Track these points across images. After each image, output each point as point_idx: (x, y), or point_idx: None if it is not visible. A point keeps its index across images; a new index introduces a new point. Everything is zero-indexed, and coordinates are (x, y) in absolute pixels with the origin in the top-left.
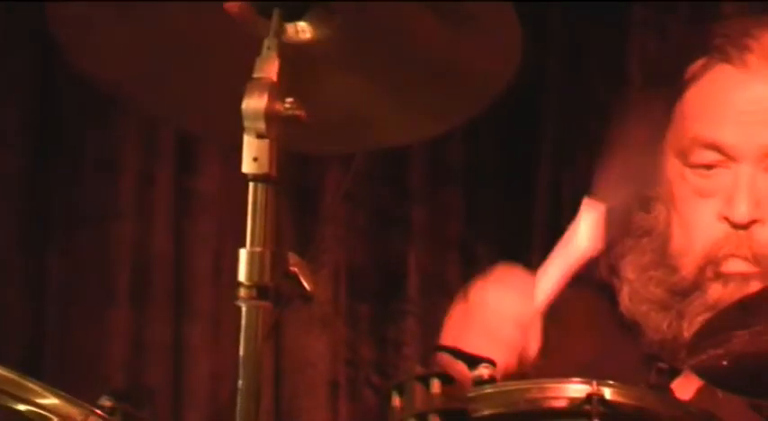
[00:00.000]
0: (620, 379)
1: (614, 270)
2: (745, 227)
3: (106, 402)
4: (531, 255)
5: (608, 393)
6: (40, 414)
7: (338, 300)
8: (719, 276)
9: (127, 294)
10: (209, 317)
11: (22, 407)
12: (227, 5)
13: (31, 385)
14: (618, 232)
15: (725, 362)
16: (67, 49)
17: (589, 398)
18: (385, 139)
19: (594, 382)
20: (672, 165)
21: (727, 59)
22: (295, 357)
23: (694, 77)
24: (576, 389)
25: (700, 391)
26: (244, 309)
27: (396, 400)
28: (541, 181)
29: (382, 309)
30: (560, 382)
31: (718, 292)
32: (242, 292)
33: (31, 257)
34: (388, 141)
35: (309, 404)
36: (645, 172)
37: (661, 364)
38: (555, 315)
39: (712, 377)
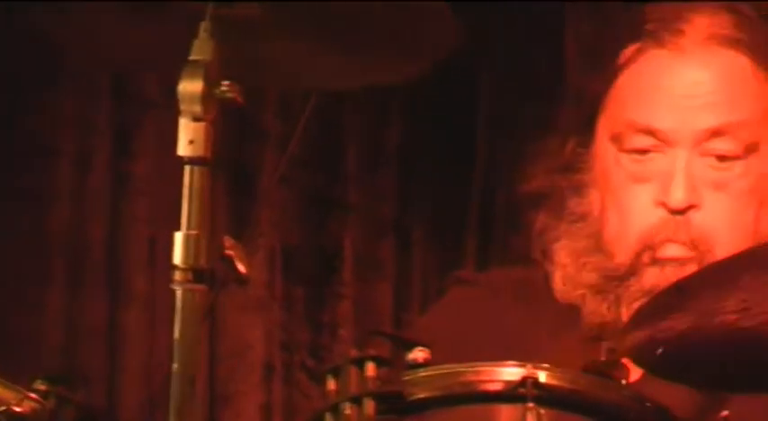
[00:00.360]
0: (558, 361)
1: (547, 254)
2: (681, 212)
3: (40, 386)
4: (467, 238)
5: (542, 376)
6: None
7: (273, 283)
8: (656, 261)
9: (62, 277)
10: (144, 300)
11: None
12: None
13: None
14: (551, 216)
15: (660, 350)
16: None
17: (524, 380)
18: (330, 84)
19: (529, 365)
20: (606, 150)
21: (660, 44)
22: (230, 340)
23: (628, 61)
24: (511, 372)
25: (644, 375)
26: (179, 293)
27: (331, 384)
28: (478, 164)
29: (317, 292)
30: (495, 365)
31: (654, 277)
32: (177, 276)
33: None
34: (333, 85)
35: (244, 387)
36: (573, 156)
37: (606, 343)
38: (490, 298)
39: (647, 363)
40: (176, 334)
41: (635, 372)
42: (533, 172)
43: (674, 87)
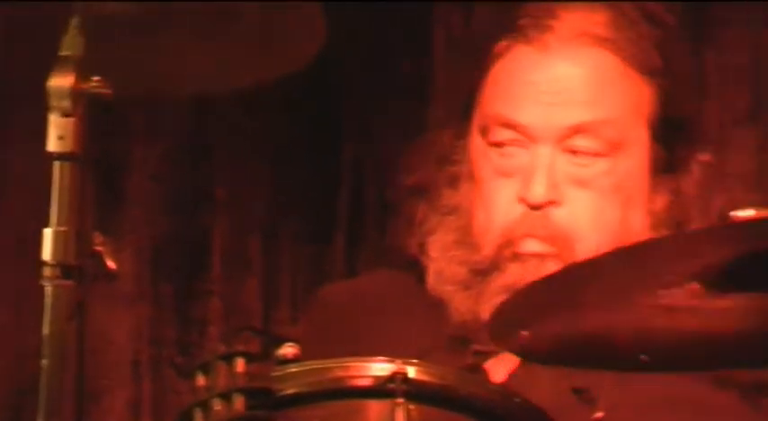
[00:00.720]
0: (428, 359)
1: (423, 248)
2: (540, 207)
3: None
4: (336, 234)
5: (412, 372)
6: None
7: (142, 278)
8: (517, 257)
9: None
10: (12, 296)
11: None
12: None
13: None
14: (428, 209)
15: (524, 333)
16: None
17: (393, 376)
18: (201, 87)
19: (399, 361)
20: (475, 143)
21: (528, 40)
22: (99, 336)
23: (498, 56)
24: (380, 367)
25: (513, 373)
26: (48, 289)
27: (200, 379)
28: (345, 157)
29: (186, 288)
30: (364, 361)
31: (515, 273)
32: (46, 272)
33: None
34: (205, 88)
35: (113, 383)
36: (449, 148)
37: (477, 346)
38: (362, 298)
39: (531, 356)
40: (45, 330)
41: (503, 372)
42: (413, 165)
43: (538, 83)
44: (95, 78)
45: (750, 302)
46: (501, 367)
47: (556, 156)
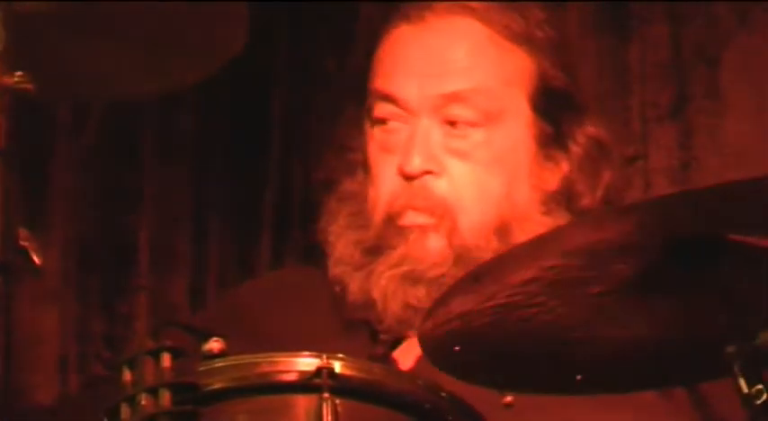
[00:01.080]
0: (326, 346)
1: (324, 236)
2: (416, 178)
3: None
4: (262, 231)
5: (337, 366)
6: None
7: (68, 274)
8: (400, 230)
9: None
10: None
11: None
12: None
13: None
14: (329, 199)
15: (457, 348)
16: None
17: (319, 371)
18: (124, 92)
19: (324, 356)
20: (366, 126)
21: (408, 20)
22: (25, 331)
23: (382, 38)
24: (306, 362)
25: (420, 359)
26: None
27: (127, 375)
28: (272, 157)
29: (113, 283)
30: (291, 356)
31: (400, 247)
32: None
33: None
34: (127, 94)
35: (39, 378)
36: (346, 137)
37: (383, 336)
38: (261, 295)
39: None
40: None
41: (410, 359)
42: (325, 159)
43: (412, 56)
44: (18, 73)
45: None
46: (408, 354)
47: (433, 127)
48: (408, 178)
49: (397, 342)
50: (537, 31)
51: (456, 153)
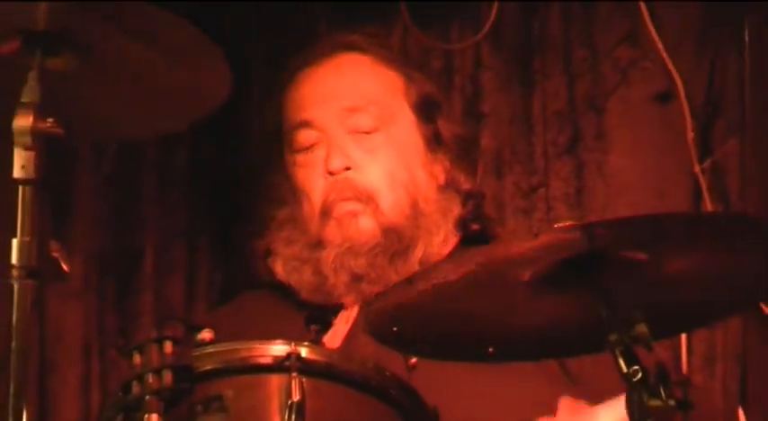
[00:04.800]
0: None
1: (269, 251)
2: (339, 172)
3: None
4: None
5: (303, 352)
6: None
7: (90, 278)
8: (336, 220)
9: None
10: None
11: None
12: (3, 47)
13: None
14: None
15: (395, 329)
16: None
17: (288, 355)
18: (129, 134)
19: (293, 343)
20: (288, 160)
21: (305, 64)
22: (55, 324)
23: (286, 85)
24: (278, 348)
25: (345, 339)
26: (15, 287)
27: (137, 358)
28: (244, 186)
29: (125, 285)
30: (266, 343)
31: (338, 235)
32: (14, 273)
33: None
34: (131, 135)
35: (67, 362)
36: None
37: (314, 326)
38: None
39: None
40: (13, 319)
41: (337, 339)
42: (256, 208)
43: (316, 89)
44: (50, 120)
45: (570, 300)
46: (335, 337)
47: (344, 135)
48: (333, 174)
49: (324, 329)
50: (399, 57)
51: (366, 151)
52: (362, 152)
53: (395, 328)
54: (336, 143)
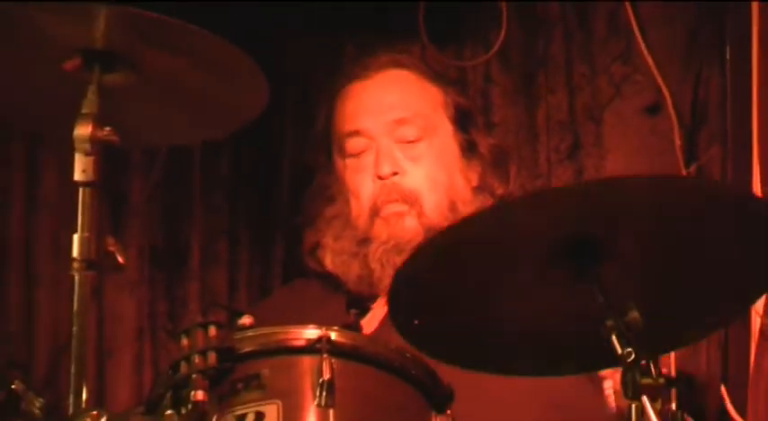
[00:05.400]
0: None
1: (319, 244)
2: (388, 177)
3: None
4: (277, 243)
5: (333, 335)
6: None
7: (143, 269)
8: (383, 220)
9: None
10: (50, 282)
11: None
12: (66, 64)
13: None
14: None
15: (416, 322)
16: None
17: (320, 338)
18: (175, 140)
19: (324, 328)
20: (338, 163)
21: (357, 78)
22: (111, 311)
23: (337, 96)
24: (311, 332)
25: (379, 326)
26: (77, 277)
27: (184, 341)
28: (286, 186)
29: (174, 276)
30: (300, 328)
31: (385, 233)
32: (75, 265)
33: None
34: (177, 141)
35: (122, 344)
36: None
37: (354, 310)
38: (278, 303)
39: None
40: (75, 306)
41: (374, 323)
42: (306, 205)
43: (367, 101)
44: (107, 129)
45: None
46: (372, 321)
47: (391, 144)
48: (381, 179)
49: (362, 313)
50: (441, 74)
51: (410, 158)
52: (408, 159)
53: (416, 321)
54: (385, 151)
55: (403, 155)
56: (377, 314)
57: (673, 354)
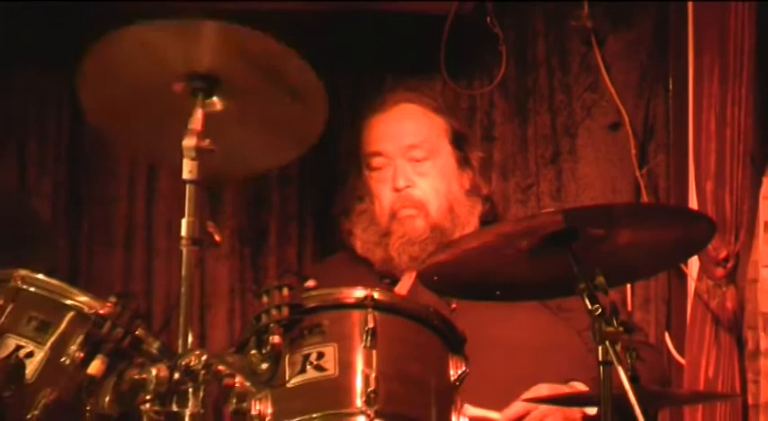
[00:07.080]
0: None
1: (351, 232)
2: (403, 189)
3: (112, 299)
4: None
5: (376, 295)
6: (77, 305)
7: (234, 245)
8: (400, 220)
9: (123, 243)
10: (165, 254)
11: (68, 302)
12: (175, 87)
13: (70, 288)
14: (351, 218)
15: (435, 278)
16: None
17: (366, 297)
18: (254, 167)
19: (369, 288)
20: (365, 175)
21: (380, 110)
22: (211, 276)
23: (364, 126)
24: (359, 292)
25: (409, 290)
26: (184, 251)
27: (264, 299)
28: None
29: (256, 251)
30: (350, 289)
31: (401, 230)
32: (183, 242)
33: None
34: (256, 168)
35: (219, 302)
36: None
37: (386, 280)
38: (331, 270)
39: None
40: (183, 272)
41: (406, 287)
42: (341, 198)
43: (386, 128)
44: (207, 140)
45: (554, 261)
46: (402, 288)
47: (404, 163)
48: (398, 190)
49: (393, 283)
50: (442, 105)
51: (419, 174)
52: (417, 175)
53: (435, 277)
54: (400, 168)
55: (413, 171)
56: (405, 283)
57: (630, 306)
